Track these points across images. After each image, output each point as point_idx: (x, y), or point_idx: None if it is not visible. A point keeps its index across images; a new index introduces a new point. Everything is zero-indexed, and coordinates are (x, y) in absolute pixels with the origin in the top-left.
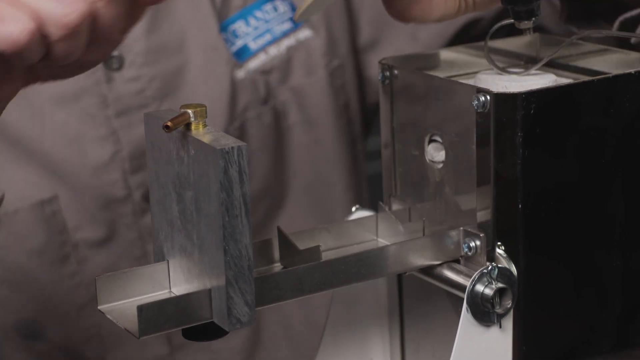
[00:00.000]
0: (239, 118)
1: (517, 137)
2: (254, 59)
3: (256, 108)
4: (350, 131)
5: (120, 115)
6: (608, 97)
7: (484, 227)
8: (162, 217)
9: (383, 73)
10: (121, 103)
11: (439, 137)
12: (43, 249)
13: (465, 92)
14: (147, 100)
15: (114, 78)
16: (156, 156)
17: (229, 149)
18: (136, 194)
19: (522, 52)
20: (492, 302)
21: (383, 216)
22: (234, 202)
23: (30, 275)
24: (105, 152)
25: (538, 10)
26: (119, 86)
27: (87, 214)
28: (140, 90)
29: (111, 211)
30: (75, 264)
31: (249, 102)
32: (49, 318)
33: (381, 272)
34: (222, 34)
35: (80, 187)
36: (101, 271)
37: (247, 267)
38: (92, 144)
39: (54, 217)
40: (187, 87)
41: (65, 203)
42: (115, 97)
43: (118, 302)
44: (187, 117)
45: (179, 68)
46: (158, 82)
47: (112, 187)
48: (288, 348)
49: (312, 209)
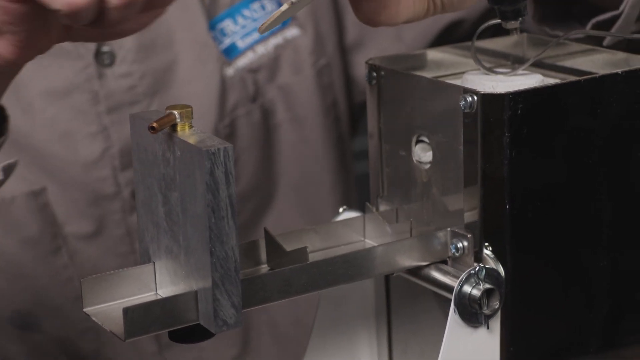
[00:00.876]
0: (229, 115)
1: (504, 137)
2: (242, 57)
3: (245, 106)
4: (338, 129)
5: (111, 111)
6: (595, 97)
7: (472, 227)
8: (148, 219)
9: (370, 73)
10: (112, 99)
11: (426, 138)
12: (37, 240)
13: (452, 93)
14: (138, 97)
15: (105, 74)
16: (142, 157)
17: (215, 150)
18: (125, 191)
19: (509, 52)
20: (480, 303)
21: (370, 217)
22: (220, 203)
23: (25, 266)
24: (96, 148)
25: (525, 10)
26: (111, 82)
27: (76, 208)
28: (132, 86)
29: (100, 207)
30: (67, 257)
31: (238, 99)
32: (44, 310)
33: (368, 273)
34: (211, 32)
35: (70, 182)
36: (90, 266)
37: (233, 268)
38: (82, 140)
39: (44, 209)
40: (177, 84)
41: (54, 197)
42: (107, 93)
43: (104, 305)
44: (172, 118)
45: (169, 65)
46: (149, 78)
47: (101, 184)
48: (276, 347)
49: (300, 208)
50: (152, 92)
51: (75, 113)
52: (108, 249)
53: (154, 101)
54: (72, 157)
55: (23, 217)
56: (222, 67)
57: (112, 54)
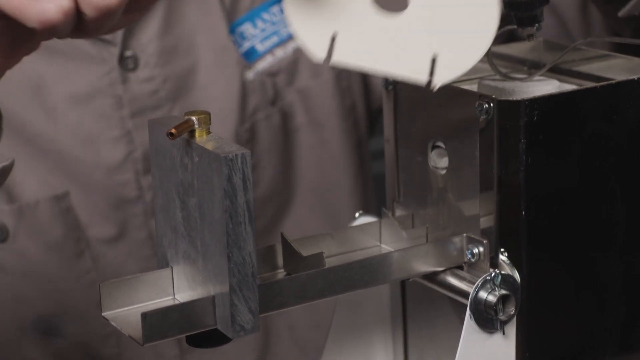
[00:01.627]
0: (249, 119)
1: (520, 143)
2: (261, 60)
3: (265, 109)
4: (356, 133)
5: (134, 115)
6: (611, 103)
7: (487, 233)
8: (166, 224)
9: (386, 79)
10: (136, 104)
11: (442, 144)
12: (61, 244)
13: (469, 99)
14: (160, 101)
15: (129, 78)
16: (160, 163)
17: (233, 156)
18: (147, 194)
19: (525, 57)
20: (496, 309)
21: (386, 222)
22: (238, 209)
23: (49, 270)
24: (119, 152)
25: (541, 17)
26: (134, 87)
27: (99, 212)
28: (154, 91)
29: (122, 211)
30: (90, 261)
31: (258, 103)
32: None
33: (384, 278)
34: (231, 35)
35: (93, 186)
36: (113, 269)
37: (250, 274)
38: (105, 144)
39: (68, 213)
40: (198, 88)
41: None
42: (130, 97)
43: (122, 309)
44: (191, 124)
45: (190, 69)
46: (171, 83)
47: (124, 188)
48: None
49: (319, 210)
50: (174, 97)
51: (99, 117)
52: (130, 253)
53: (176, 105)
54: (95, 161)
55: (47, 222)
56: (242, 71)
57: (135, 58)
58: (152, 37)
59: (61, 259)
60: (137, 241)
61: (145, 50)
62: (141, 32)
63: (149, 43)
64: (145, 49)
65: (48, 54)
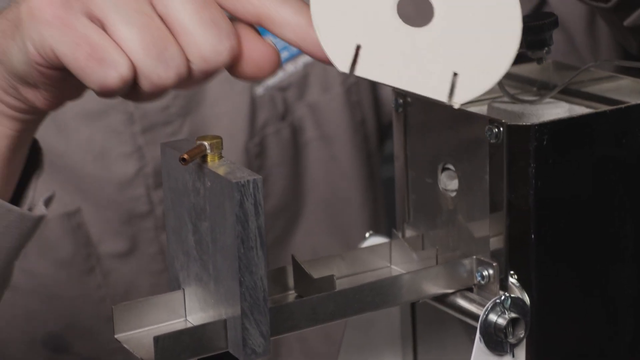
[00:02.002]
0: (259, 134)
1: (530, 168)
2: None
3: (275, 124)
4: (367, 147)
5: (145, 131)
6: (621, 127)
7: (497, 255)
8: (178, 246)
9: (397, 100)
10: (147, 120)
11: (452, 166)
12: (71, 260)
13: (479, 123)
14: (171, 117)
15: None
16: (172, 186)
17: (245, 182)
18: (158, 209)
19: (535, 77)
20: (505, 332)
21: (396, 243)
22: (250, 234)
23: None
24: (130, 168)
25: (550, 40)
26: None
27: (110, 228)
28: (165, 106)
29: (133, 226)
30: (100, 277)
31: (268, 118)
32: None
33: (395, 301)
34: None
35: (104, 201)
36: (123, 285)
37: (262, 298)
38: (117, 159)
39: (79, 229)
40: (208, 103)
41: (89, 217)
42: (141, 113)
43: (134, 331)
44: (203, 149)
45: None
46: (181, 98)
47: (135, 202)
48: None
49: (329, 224)
50: (185, 112)
51: (110, 133)
52: (141, 267)
53: (187, 121)
54: (106, 177)
55: (57, 239)
56: (252, 86)
57: None
58: None
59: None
60: (148, 256)
61: None
62: None
63: None
64: None
65: None
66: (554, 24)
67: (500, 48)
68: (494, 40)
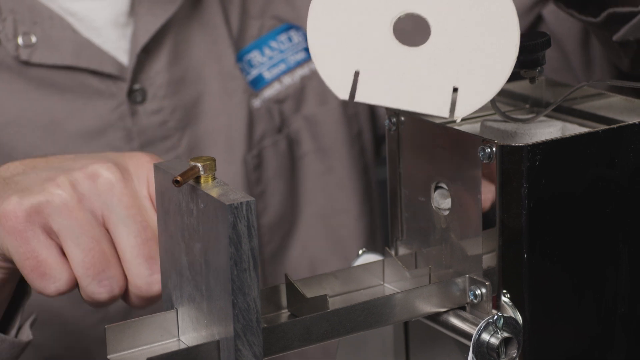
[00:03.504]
0: (257, 146)
1: (522, 188)
2: (268, 88)
3: (272, 136)
4: (363, 159)
5: (143, 147)
6: (613, 147)
7: (490, 274)
8: (171, 267)
9: (390, 120)
10: (145, 135)
11: (445, 185)
12: None
13: (471, 143)
14: (169, 132)
15: (137, 111)
16: (165, 206)
17: (238, 204)
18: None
19: (527, 94)
20: (498, 352)
21: (389, 261)
22: (243, 256)
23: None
24: None
25: (543, 60)
26: (143, 119)
27: None
28: (163, 121)
29: None
30: None
31: (265, 130)
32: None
33: (388, 320)
34: (239, 63)
35: None
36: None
37: (255, 319)
38: None
39: None
40: (206, 116)
41: None
42: (140, 130)
43: (127, 351)
44: (196, 170)
45: (198, 98)
46: (179, 113)
47: None
48: None
49: (325, 236)
50: (183, 126)
51: (110, 150)
52: None
53: (185, 134)
54: None
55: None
56: (249, 99)
57: (143, 91)
58: (160, 69)
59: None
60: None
61: (154, 82)
62: (150, 66)
63: (156, 75)
64: (154, 82)
65: (57, 92)
66: (546, 44)
67: (498, 58)
68: (492, 51)
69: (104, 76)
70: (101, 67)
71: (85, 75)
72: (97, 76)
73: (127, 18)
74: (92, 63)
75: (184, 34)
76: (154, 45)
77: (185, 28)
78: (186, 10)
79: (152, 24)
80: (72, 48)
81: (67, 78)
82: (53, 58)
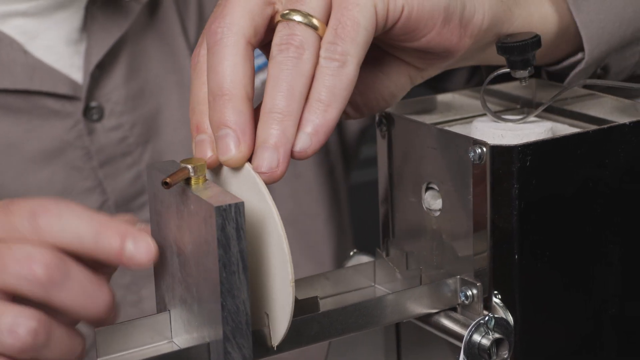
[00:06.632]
0: None
1: (513, 188)
2: None
3: None
4: (328, 162)
5: (103, 165)
6: (603, 147)
7: (481, 275)
8: (164, 268)
9: (380, 119)
10: (104, 153)
11: (435, 186)
12: None
13: (462, 143)
14: (130, 147)
15: (95, 129)
16: (158, 208)
17: (227, 206)
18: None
19: (518, 94)
20: (489, 352)
21: (380, 263)
22: (231, 258)
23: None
24: (93, 203)
25: (533, 60)
26: (101, 137)
27: None
28: (123, 138)
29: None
30: None
31: None
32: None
33: (379, 321)
34: None
35: None
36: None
37: (244, 322)
38: (79, 196)
39: None
40: (167, 128)
41: None
42: (98, 148)
43: (118, 354)
44: (186, 172)
45: (158, 110)
46: (139, 127)
47: None
48: None
49: (296, 240)
50: (144, 140)
51: (70, 170)
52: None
53: (147, 149)
54: None
55: None
56: None
57: (100, 109)
58: (116, 85)
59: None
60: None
61: (110, 98)
62: (106, 82)
63: (113, 91)
64: (110, 98)
65: (12, 114)
66: (537, 44)
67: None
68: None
69: (58, 96)
70: (55, 88)
71: (39, 97)
72: (51, 97)
73: (79, 34)
74: (45, 85)
75: (140, 47)
76: (109, 61)
77: (142, 40)
78: (142, 22)
79: (106, 40)
80: (24, 71)
81: (21, 101)
82: (5, 83)
